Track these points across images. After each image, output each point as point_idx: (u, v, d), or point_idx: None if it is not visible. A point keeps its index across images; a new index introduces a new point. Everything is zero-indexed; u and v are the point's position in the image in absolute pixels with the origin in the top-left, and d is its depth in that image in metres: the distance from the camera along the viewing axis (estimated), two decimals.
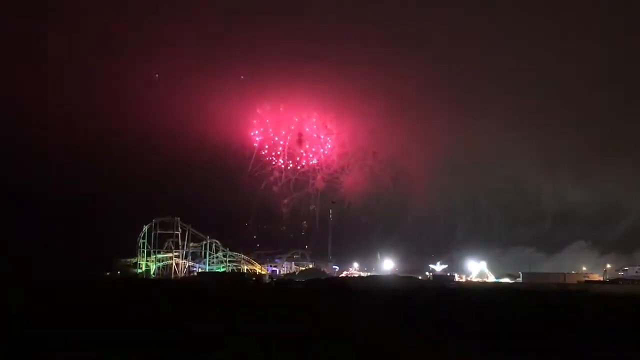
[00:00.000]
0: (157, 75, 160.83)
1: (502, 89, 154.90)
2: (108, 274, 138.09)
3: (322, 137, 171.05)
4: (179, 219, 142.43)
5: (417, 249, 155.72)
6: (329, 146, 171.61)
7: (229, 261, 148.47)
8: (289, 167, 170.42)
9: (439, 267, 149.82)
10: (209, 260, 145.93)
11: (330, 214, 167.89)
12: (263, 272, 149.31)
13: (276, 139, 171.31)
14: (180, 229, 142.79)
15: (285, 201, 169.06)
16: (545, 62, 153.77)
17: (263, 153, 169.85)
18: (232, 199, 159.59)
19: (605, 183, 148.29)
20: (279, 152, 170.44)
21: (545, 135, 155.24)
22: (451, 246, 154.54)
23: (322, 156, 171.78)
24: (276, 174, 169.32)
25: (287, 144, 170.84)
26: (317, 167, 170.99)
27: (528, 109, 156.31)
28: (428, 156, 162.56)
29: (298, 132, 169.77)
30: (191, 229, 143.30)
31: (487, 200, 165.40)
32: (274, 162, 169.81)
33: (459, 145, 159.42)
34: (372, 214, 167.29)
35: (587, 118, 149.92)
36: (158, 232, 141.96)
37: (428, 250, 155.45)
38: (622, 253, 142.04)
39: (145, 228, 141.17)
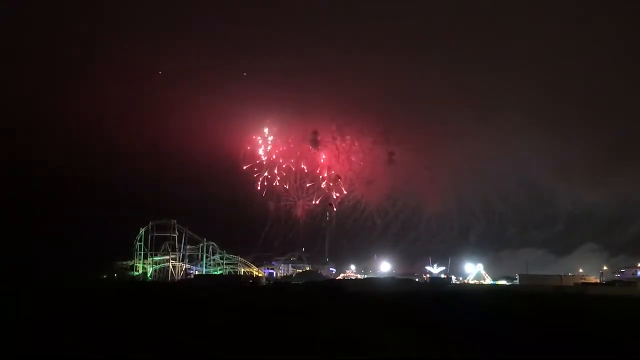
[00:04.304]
0: (160, 73, 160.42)
1: (517, 92, 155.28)
2: (105, 276, 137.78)
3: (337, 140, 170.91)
4: (175, 221, 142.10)
5: (423, 251, 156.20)
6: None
7: (226, 264, 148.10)
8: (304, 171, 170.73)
9: (436, 270, 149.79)
10: (206, 263, 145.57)
11: (327, 216, 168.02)
12: (260, 275, 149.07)
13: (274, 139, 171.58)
14: (177, 232, 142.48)
15: (300, 202, 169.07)
16: (560, 64, 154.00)
17: (273, 157, 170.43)
18: (230, 202, 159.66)
19: (620, 185, 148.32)
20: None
21: (560, 138, 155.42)
22: (463, 248, 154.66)
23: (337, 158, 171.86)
24: (291, 177, 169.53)
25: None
26: (331, 167, 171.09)
27: (543, 111, 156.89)
28: (442, 158, 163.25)
29: (313, 131, 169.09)
30: (188, 232, 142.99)
31: (501, 202, 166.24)
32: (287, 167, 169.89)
33: (473, 147, 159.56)
34: (386, 216, 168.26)
35: (602, 120, 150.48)
36: (155, 234, 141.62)
37: (433, 252, 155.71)
38: (632, 255, 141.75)
39: (142, 230, 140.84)
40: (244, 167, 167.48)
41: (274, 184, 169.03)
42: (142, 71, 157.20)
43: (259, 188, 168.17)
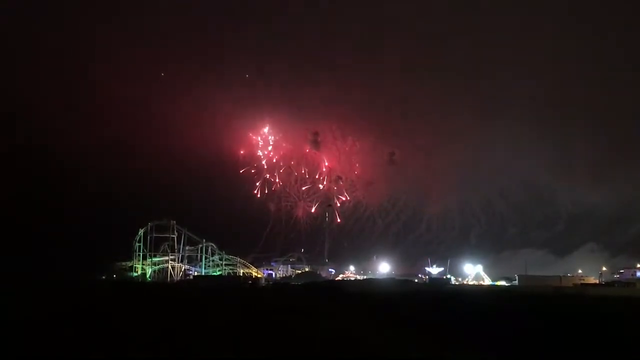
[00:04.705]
0: (162, 74, 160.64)
1: (518, 92, 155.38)
2: (104, 277, 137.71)
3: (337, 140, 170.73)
4: (174, 222, 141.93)
5: (423, 252, 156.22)
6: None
7: (225, 264, 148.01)
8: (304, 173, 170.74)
9: (435, 270, 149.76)
10: (205, 264, 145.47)
11: (326, 216, 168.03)
12: (259, 276, 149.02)
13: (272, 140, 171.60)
14: (176, 232, 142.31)
15: (300, 203, 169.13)
16: (561, 64, 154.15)
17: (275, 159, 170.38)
18: (229, 202, 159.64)
19: (620, 185, 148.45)
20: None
21: (561, 138, 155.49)
22: (463, 249, 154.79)
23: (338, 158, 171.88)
24: (291, 180, 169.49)
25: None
26: (332, 168, 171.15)
27: (544, 111, 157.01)
28: (443, 158, 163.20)
29: (313, 132, 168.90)
30: (187, 232, 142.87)
31: (501, 203, 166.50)
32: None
33: (474, 147, 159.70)
34: (386, 217, 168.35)
35: (602, 120, 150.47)
36: (154, 235, 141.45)
37: (434, 253, 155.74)
38: (632, 255, 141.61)
39: (141, 231, 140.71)
40: (245, 168, 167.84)
41: (273, 188, 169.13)
42: (143, 72, 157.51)
43: (258, 189, 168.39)
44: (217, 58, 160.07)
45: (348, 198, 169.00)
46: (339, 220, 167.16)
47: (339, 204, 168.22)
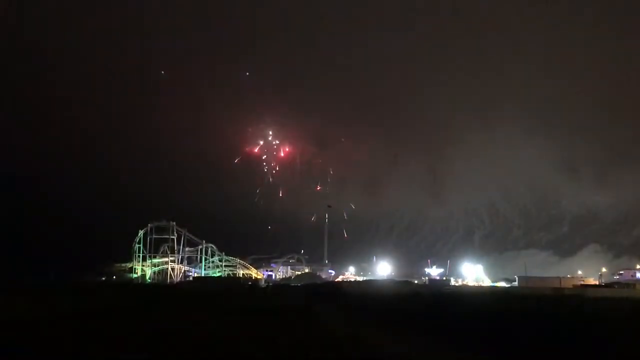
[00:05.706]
0: (162, 72, 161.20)
1: (522, 93, 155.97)
2: (103, 278, 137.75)
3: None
4: (174, 223, 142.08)
5: (426, 253, 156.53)
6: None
7: (225, 266, 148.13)
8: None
9: (434, 272, 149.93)
10: (205, 265, 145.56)
11: (326, 218, 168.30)
12: (259, 277, 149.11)
13: (273, 142, 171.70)
14: (175, 234, 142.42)
15: (302, 204, 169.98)
16: (564, 65, 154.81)
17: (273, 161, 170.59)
18: (230, 203, 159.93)
19: (625, 186, 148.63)
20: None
21: (565, 139, 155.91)
22: (467, 250, 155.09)
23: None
24: (293, 181, 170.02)
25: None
26: (334, 171, 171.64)
27: (548, 112, 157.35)
28: (446, 160, 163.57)
29: (316, 133, 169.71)
30: (187, 234, 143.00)
31: (505, 204, 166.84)
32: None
33: (477, 148, 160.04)
34: (389, 218, 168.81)
35: (607, 121, 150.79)
36: (154, 236, 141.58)
37: (437, 254, 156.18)
38: (636, 256, 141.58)
39: (141, 233, 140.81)
40: (246, 170, 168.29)
41: (274, 190, 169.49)
42: (142, 72, 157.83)
43: (260, 190, 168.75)
44: (219, 58, 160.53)
45: (353, 207, 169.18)
46: (346, 236, 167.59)
47: (346, 217, 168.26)
